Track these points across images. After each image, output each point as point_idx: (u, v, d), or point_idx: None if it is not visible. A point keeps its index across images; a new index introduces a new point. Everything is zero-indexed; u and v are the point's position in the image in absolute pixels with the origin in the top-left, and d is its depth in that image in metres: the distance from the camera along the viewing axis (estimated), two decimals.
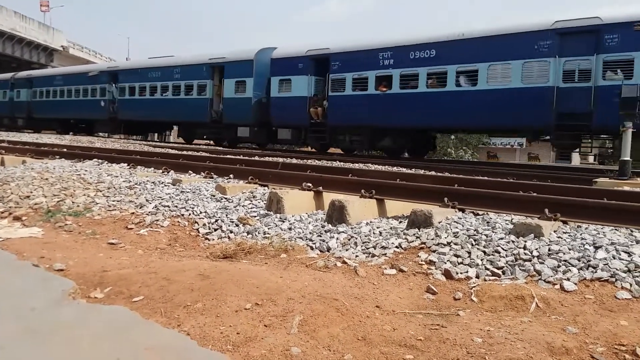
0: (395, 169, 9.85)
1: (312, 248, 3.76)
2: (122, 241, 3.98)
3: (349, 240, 3.82)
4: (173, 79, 20.74)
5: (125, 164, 8.12)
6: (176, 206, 4.92)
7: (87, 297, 2.66)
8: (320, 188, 5.15)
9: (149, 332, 2.22)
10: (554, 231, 3.59)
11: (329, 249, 3.70)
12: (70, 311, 2.44)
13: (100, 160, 8.64)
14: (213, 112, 19.52)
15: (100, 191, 5.56)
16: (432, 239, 3.54)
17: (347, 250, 3.63)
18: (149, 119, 22.95)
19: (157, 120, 23.56)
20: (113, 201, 5.14)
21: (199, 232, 4.36)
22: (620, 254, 3.05)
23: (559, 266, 3.00)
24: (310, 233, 4.07)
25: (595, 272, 2.88)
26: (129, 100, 22.86)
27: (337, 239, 3.86)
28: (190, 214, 4.70)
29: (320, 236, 3.96)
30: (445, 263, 3.17)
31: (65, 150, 10.53)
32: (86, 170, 6.89)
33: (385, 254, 3.46)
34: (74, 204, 5.04)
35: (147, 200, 5.15)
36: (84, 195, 5.35)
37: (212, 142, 22.72)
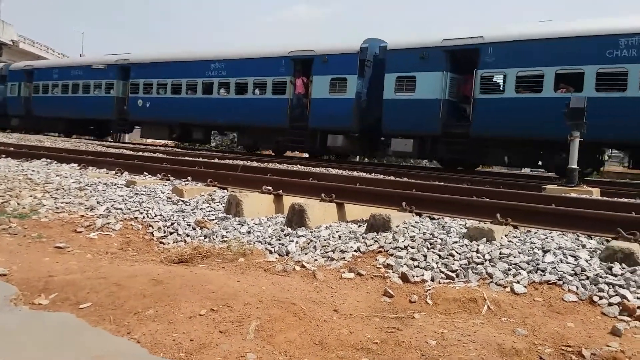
0: (355, 173, 9.93)
1: (271, 252, 3.72)
2: (70, 245, 3.80)
3: (308, 244, 3.80)
4: None
5: (76, 164, 7.80)
6: (129, 209, 4.76)
7: (31, 304, 2.52)
8: (281, 191, 5.11)
9: (96, 340, 2.12)
10: (505, 235, 3.71)
11: (288, 253, 3.67)
12: (12, 318, 2.30)
13: (49, 160, 8.26)
14: None
15: (48, 192, 5.30)
16: (390, 243, 3.58)
17: (306, 254, 3.61)
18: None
19: None
20: (61, 203, 4.91)
21: (153, 235, 4.23)
22: (567, 258, 3.18)
23: (509, 269, 3.10)
24: (269, 237, 4.03)
25: (544, 275, 2.99)
26: None
27: (297, 242, 3.84)
28: (144, 217, 4.56)
29: (280, 240, 3.93)
30: (402, 267, 3.21)
31: (12, 149, 10.01)
32: (33, 171, 6.57)
33: (344, 257, 3.47)
34: (20, 205, 4.78)
35: (98, 203, 4.95)
36: (31, 196, 5.09)
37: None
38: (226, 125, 18.58)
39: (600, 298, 2.72)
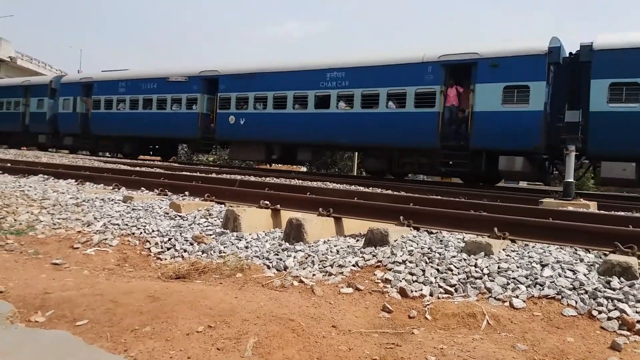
0: (353, 187, 9.94)
1: (268, 267, 3.71)
2: (66, 261, 3.78)
3: (306, 258, 3.79)
4: None
5: (73, 180, 7.79)
6: (126, 224, 4.74)
7: (27, 321, 2.50)
8: (278, 206, 5.11)
9: (92, 358, 2.10)
10: (503, 249, 3.71)
11: (285, 268, 3.66)
12: (7, 336, 2.28)
13: (46, 176, 8.25)
14: None
15: (45, 208, 5.28)
16: (388, 257, 3.57)
17: (304, 269, 3.60)
18: None
19: None
20: (58, 219, 4.90)
21: (150, 251, 4.21)
22: (565, 272, 3.18)
23: (508, 284, 3.09)
24: (267, 252, 4.02)
25: (543, 289, 2.98)
26: None
27: (295, 257, 3.82)
28: (141, 233, 4.54)
29: (278, 255, 3.92)
30: (401, 281, 3.20)
31: (9, 165, 9.99)
32: (30, 187, 6.55)
33: (342, 272, 3.46)
34: (16, 221, 4.76)
35: (95, 218, 4.93)
36: (28, 212, 5.07)
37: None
38: (347, 145, 15.83)
39: (599, 312, 2.71)
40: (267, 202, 5.18)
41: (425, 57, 13.19)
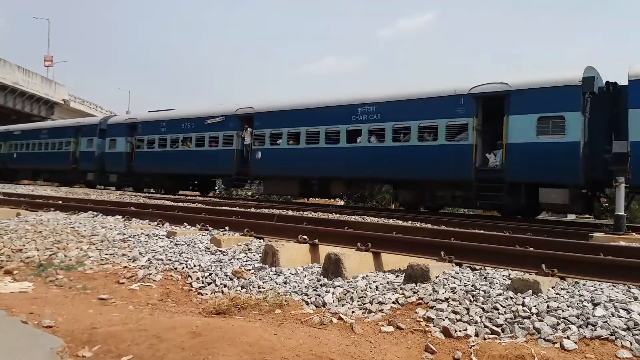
0: (391, 221, 9.83)
1: (307, 303, 3.69)
2: (113, 296, 3.89)
3: (345, 294, 3.75)
4: None
5: (120, 216, 8.09)
6: (169, 259, 4.86)
7: (75, 356, 2.57)
8: (316, 241, 5.12)
9: None
10: (552, 287, 3.55)
11: (324, 304, 3.63)
12: None
13: (95, 213, 8.61)
14: None
15: (94, 244, 5.50)
16: (430, 295, 3.48)
17: (343, 305, 3.56)
18: None
19: None
20: (106, 255, 5.08)
21: (192, 286, 4.28)
22: (619, 311, 3.01)
23: (558, 324, 2.94)
24: (305, 287, 4.01)
25: (595, 330, 2.82)
26: None
27: (333, 293, 3.79)
28: (183, 268, 4.64)
29: (316, 290, 3.90)
30: (444, 320, 3.11)
31: (60, 202, 10.51)
32: (80, 223, 6.85)
33: (382, 309, 3.39)
34: (67, 257, 4.97)
35: (140, 254, 5.09)
36: (77, 248, 5.29)
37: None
38: None
39: None
40: (305, 237, 5.20)
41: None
